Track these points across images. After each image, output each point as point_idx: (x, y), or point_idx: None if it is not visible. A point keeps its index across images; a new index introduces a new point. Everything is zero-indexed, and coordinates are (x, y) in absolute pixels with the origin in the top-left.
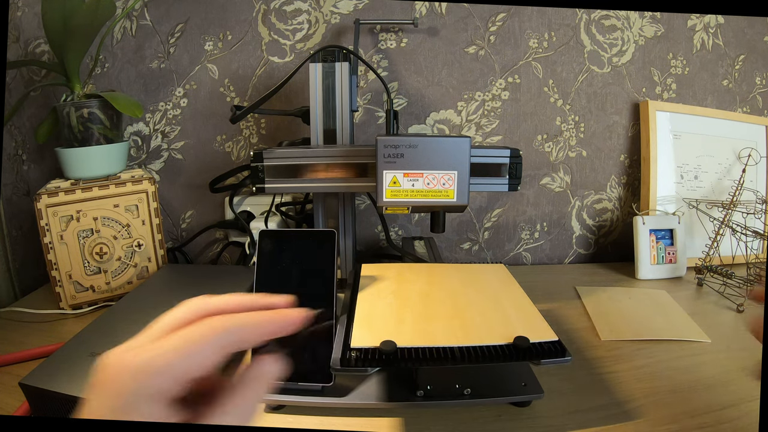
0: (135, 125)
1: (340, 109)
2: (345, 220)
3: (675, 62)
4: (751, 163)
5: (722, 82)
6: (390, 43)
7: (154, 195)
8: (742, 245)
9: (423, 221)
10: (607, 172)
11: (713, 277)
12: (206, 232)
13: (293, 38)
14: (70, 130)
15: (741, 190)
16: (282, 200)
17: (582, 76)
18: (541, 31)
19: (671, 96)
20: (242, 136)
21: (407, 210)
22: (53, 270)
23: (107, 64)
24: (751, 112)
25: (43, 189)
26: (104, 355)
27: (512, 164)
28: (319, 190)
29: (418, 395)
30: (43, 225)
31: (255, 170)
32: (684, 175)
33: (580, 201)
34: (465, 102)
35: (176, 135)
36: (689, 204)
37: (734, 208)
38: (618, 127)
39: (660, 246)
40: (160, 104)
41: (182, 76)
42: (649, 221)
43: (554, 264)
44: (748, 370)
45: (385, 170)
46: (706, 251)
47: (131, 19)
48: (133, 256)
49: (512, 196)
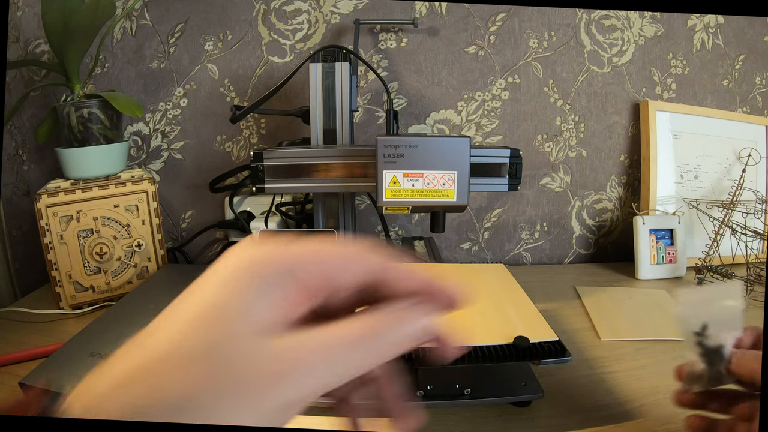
0: (135, 125)
1: (340, 109)
2: (345, 220)
3: (675, 62)
4: (751, 163)
5: (722, 82)
6: (390, 43)
7: (154, 195)
8: (742, 245)
9: (423, 221)
10: (607, 172)
11: (713, 277)
12: (206, 232)
13: (293, 38)
14: (70, 130)
15: (741, 190)
16: (282, 200)
17: (582, 76)
18: (541, 31)
19: (671, 96)
20: (242, 136)
21: (407, 210)
22: (53, 270)
23: (107, 64)
24: (751, 112)
25: (43, 189)
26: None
27: (512, 164)
28: (319, 190)
29: (418, 395)
30: (43, 225)
31: (255, 170)
32: (684, 175)
33: (580, 201)
34: (465, 102)
35: (176, 135)
36: (689, 204)
37: (734, 208)
38: (618, 127)
39: (660, 246)
40: (160, 104)
41: (182, 76)
42: (649, 221)
43: (554, 264)
44: None
45: (385, 170)
46: (706, 251)
47: (131, 19)
48: (133, 256)
49: (512, 196)
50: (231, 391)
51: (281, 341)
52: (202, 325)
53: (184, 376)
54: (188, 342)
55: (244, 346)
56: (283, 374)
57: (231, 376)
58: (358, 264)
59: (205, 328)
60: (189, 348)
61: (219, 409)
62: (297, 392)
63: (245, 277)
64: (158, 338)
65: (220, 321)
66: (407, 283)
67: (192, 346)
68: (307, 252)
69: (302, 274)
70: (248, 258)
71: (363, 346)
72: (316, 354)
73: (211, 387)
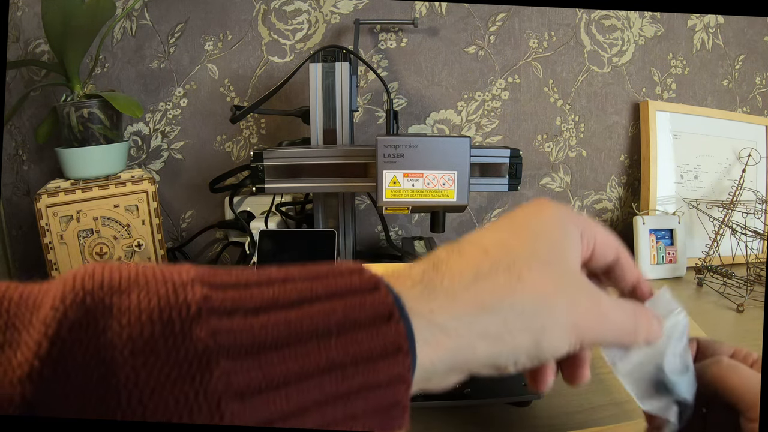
0: (135, 125)
1: (340, 109)
2: (345, 220)
3: (675, 62)
4: (751, 163)
5: (722, 82)
6: (390, 43)
7: (154, 195)
8: (742, 245)
9: (423, 221)
10: (607, 172)
11: (713, 277)
12: (206, 232)
13: (293, 38)
14: (70, 130)
15: (741, 190)
16: (282, 200)
17: (582, 76)
18: (541, 31)
19: (671, 96)
20: (242, 136)
21: (407, 210)
22: (53, 270)
23: (107, 64)
24: (751, 112)
25: (43, 189)
26: None
27: (512, 164)
28: (319, 190)
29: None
30: (43, 225)
31: (255, 170)
32: (684, 175)
33: (580, 201)
34: (465, 102)
35: (176, 135)
36: (689, 204)
37: (734, 208)
38: (618, 127)
39: (660, 246)
40: (160, 104)
41: (182, 76)
42: (649, 221)
43: None
44: None
45: (385, 170)
46: (706, 251)
47: (131, 19)
48: (133, 257)
49: (512, 196)
50: (573, 292)
51: (590, 282)
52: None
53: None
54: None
55: (574, 264)
56: (596, 307)
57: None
58: (614, 242)
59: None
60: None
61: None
62: (590, 329)
63: (569, 224)
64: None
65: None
66: (631, 274)
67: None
68: (590, 222)
69: (589, 237)
70: (566, 214)
71: (629, 325)
72: (616, 309)
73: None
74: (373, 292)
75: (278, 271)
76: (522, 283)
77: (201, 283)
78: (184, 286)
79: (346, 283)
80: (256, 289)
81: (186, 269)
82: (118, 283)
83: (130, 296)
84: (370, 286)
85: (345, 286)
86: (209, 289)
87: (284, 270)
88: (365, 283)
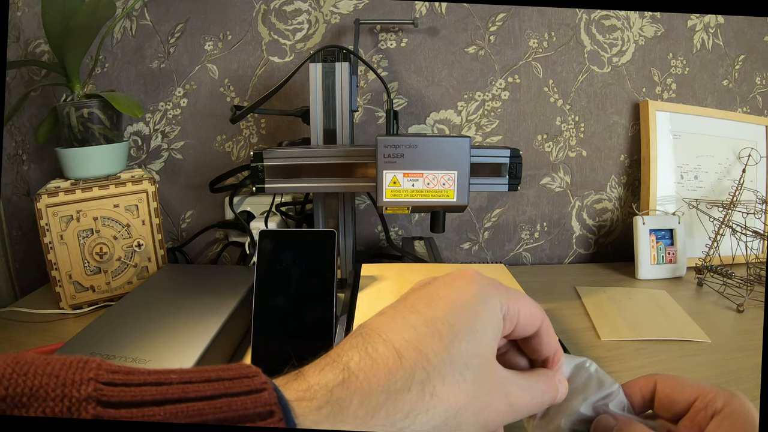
0: (135, 125)
1: (340, 109)
2: (345, 220)
3: (675, 62)
4: (751, 163)
5: (722, 82)
6: (390, 43)
7: (154, 195)
8: (742, 245)
9: (423, 221)
10: (607, 172)
11: (713, 277)
12: (206, 232)
13: (293, 38)
14: (70, 130)
15: (741, 190)
16: (282, 200)
17: (582, 76)
18: (541, 31)
19: (671, 96)
20: (242, 136)
21: (407, 210)
22: (53, 270)
23: (107, 64)
24: (751, 112)
25: (43, 189)
26: None
27: (512, 164)
28: (319, 190)
29: None
30: (43, 225)
31: (255, 170)
32: (684, 175)
33: (580, 201)
34: (465, 102)
35: (176, 135)
36: (689, 204)
37: (734, 208)
38: (618, 127)
39: (660, 246)
40: (160, 104)
41: (182, 76)
42: (649, 221)
43: (554, 264)
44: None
45: (385, 170)
46: (706, 251)
47: (131, 19)
48: (133, 256)
49: (512, 196)
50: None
51: (501, 371)
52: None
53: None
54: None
55: (489, 358)
56: (505, 401)
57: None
58: (538, 317)
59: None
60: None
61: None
62: (497, 417)
63: (493, 303)
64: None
65: (468, 328)
66: (549, 348)
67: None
68: (516, 297)
69: (512, 315)
70: (491, 292)
71: (535, 404)
72: (524, 395)
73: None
74: (260, 393)
75: (180, 373)
76: (435, 398)
77: (95, 385)
78: (79, 403)
79: (237, 387)
80: (148, 387)
81: (87, 377)
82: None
83: (28, 411)
84: (259, 390)
85: (235, 389)
86: (102, 386)
87: (186, 372)
88: (254, 387)
